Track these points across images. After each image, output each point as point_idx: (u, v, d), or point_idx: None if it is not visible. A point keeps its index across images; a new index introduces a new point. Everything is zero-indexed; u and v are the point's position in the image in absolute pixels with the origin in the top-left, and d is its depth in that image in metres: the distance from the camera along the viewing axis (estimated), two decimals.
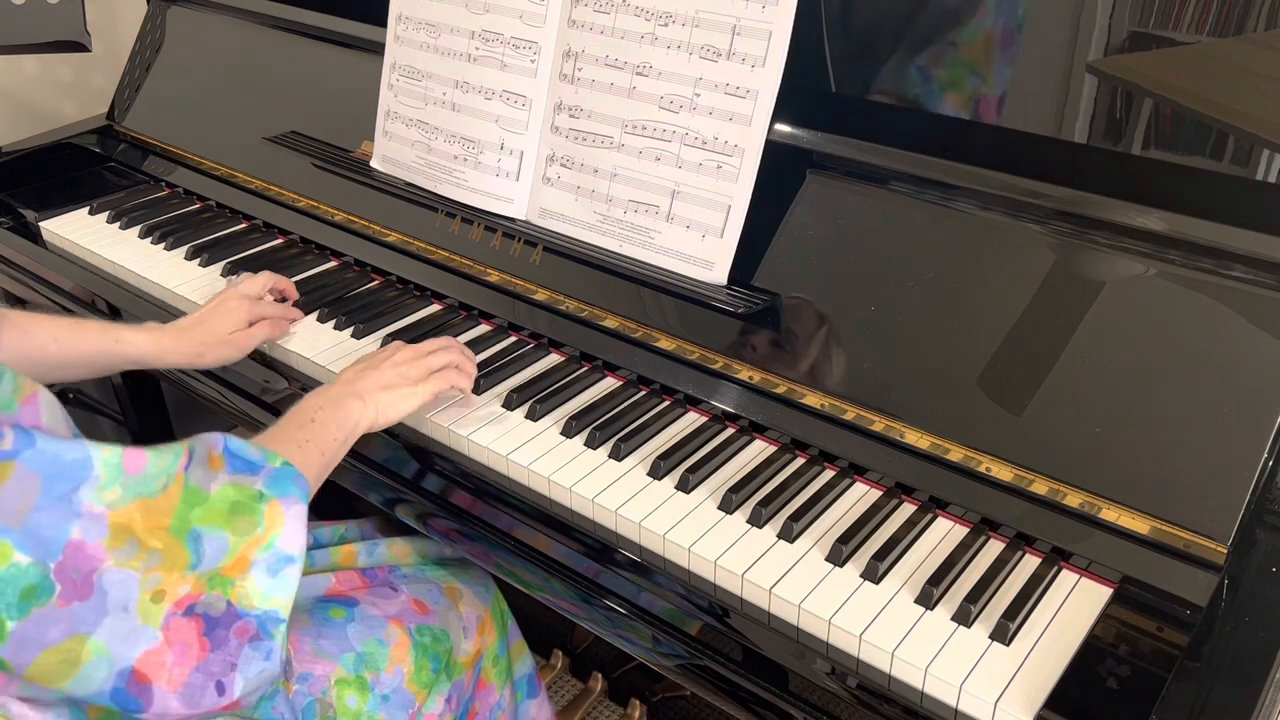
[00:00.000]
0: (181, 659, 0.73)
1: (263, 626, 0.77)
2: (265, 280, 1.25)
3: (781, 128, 1.10)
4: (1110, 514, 0.88)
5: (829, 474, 1.01)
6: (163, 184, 1.66)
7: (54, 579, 0.69)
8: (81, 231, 1.52)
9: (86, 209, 1.58)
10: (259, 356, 1.25)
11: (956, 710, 0.80)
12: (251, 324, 1.19)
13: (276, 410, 1.22)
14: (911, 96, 1.06)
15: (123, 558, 0.72)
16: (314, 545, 1.14)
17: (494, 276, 1.27)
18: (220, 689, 0.75)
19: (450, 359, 1.08)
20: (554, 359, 1.20)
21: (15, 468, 0.69)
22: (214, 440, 0.82)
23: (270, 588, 0.78)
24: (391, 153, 1.39)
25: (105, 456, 0.73)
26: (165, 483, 0.76)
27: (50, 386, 0.80)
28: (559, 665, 1.53)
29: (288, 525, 0.80)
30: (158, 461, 0.76)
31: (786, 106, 1.07)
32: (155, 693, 0.73)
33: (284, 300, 1.30)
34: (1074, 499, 0.90)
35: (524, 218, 1.28)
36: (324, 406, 0.97)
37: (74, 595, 0.70)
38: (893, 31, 1.06)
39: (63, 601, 0.69)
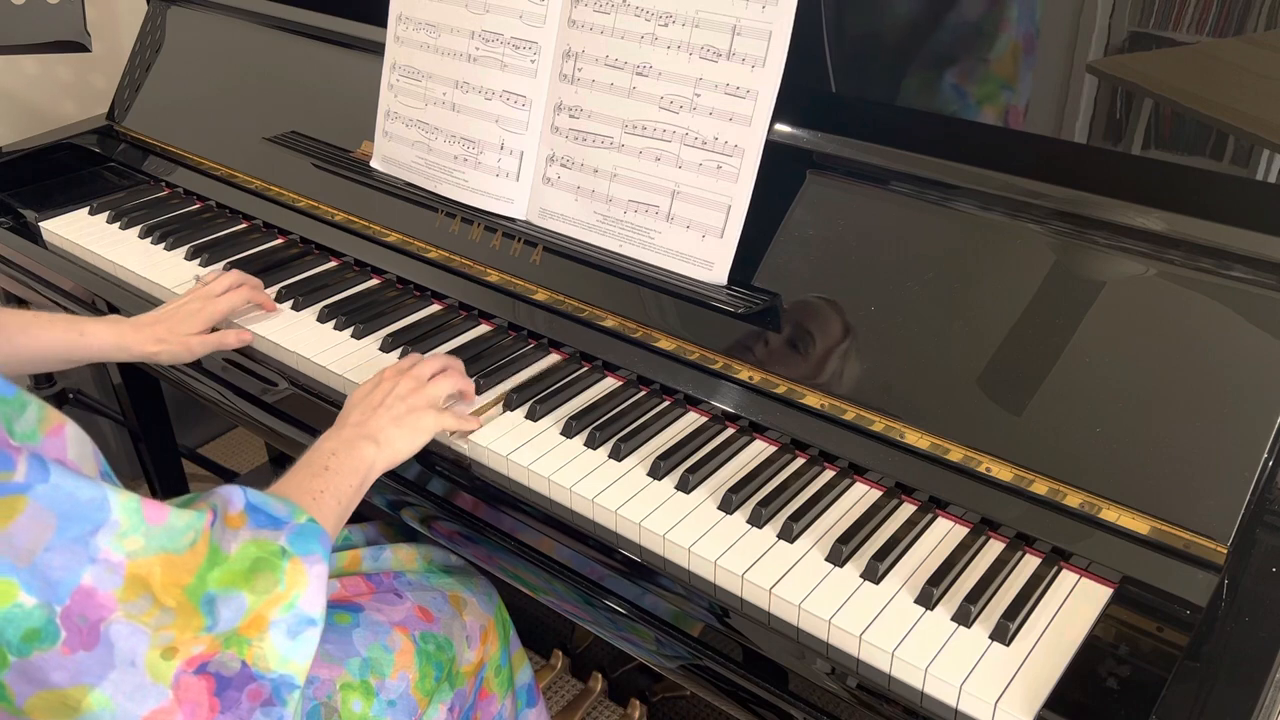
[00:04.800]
0: (190, 719, 0.71)
1: (276, 691, 0.74)
2: (231, 280, 1.26)
3: (781, 128, 1.10)
4: (1110, 514, 0.88)
5: (829, 474, 1.01)
6: (163, 184, 1.66)
7: (59, 624, 0.66)
8: (81, 231, 1.52)
9: (86, 209, 1.58)
10: (259, 357, 1.25)
11: (956, 710, 0.80)
12: (215, 329, 1.22)
13: (277, 411, 1.22)
14: (911, 97, 1.06)
15: (134, 611, 0.69)
16: None
17: (494, 276, 1.27)
18: None
19: (454, 385, 1.07)
20: (554, 359, 1.20)
21: (27, 504, 0.66)
22: (233, 496, 0.79)
23: (289, 650, 0.75)
24: (391, 153, 1.39)
25: (124, 501, 0.70)
26: (193, 539, 0.74)
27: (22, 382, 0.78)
28: (559, 665, 1.53)
29: (310, 585, 0.77)
30: (183, 515, 0.74)
31: (786, 106, 1.07)
32: None
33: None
34: (1074, 499, 0.90)
35: (524, 218, 1.28)
36: (337, 452, 0.94)
37: (79, 644, 0.67)
38: (893, 32, 1.06)
39: (67, 649, 0.66)
